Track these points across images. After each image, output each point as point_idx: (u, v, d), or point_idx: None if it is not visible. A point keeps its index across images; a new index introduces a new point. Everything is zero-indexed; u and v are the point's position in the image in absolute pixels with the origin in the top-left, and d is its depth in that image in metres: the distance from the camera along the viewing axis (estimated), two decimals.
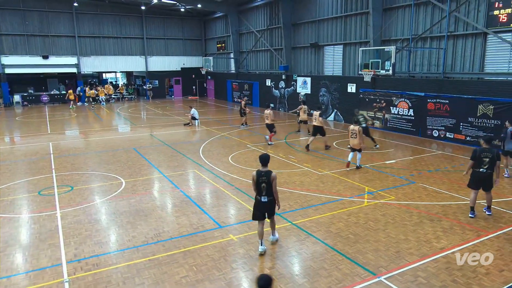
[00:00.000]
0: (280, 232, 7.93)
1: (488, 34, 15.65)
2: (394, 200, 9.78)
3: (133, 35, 37.12)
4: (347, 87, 22.19)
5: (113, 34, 36.10)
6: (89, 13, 34.66)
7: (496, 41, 15.49)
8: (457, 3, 16.56)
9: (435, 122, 17.27)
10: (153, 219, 8.66)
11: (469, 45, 16.43)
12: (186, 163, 13.70)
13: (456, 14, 16.65)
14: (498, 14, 14.84)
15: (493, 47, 15.73)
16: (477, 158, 8.46)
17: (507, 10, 14.50)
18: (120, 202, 9.78)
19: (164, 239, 7.66)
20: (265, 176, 6.88)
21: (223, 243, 7.48)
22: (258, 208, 7.03)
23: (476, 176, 8.56)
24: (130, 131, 21.29)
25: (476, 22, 15.92)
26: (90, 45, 35.27)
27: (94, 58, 35.59)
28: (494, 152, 8.43)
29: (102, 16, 35.25)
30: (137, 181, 11.57)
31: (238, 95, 34.18)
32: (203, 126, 21.92)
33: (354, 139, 12.51)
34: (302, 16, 25.86)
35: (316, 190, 10.60)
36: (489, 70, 15.92)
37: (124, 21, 36.46)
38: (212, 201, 9.93)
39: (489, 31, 15.36)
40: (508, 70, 15.21)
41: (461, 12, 16.51)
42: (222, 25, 37.17)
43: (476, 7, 15.94)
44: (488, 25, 15.36)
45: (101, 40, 35.65)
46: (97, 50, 35.64)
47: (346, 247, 7.27)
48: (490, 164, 8.39)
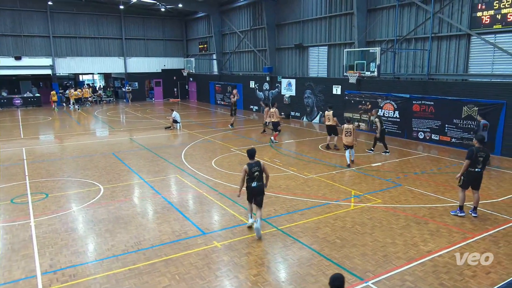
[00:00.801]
0: (266, 238, 7.93)
1: (471, 36, 16.06)
2: (380, 203, 9.91)
3: (111, 36, 36.69)
4: (332, 89, 22.43)
5: (90, 34, 35.62)
6: (65, 12, 34.13)
7: (479, 43, 15.92)
8: (441, 4, 16.97)
9: (420, 124, 17.60)
10: (133, 227, 8.55)
11: (453, 46, 16.84)
12: (167, 168, 13.58)
13: (440, 16, 17.04)
14: (481, 15, 15.26)
15: (476, 49, 16.15)
16: (473, 158, 8.66)
17: (490, 12, 14.92)
18: (98, 209, 9.62)
19: (145, 248, 7.56)
20: (257, 166, 8.02)
21: (206, 250, 7.43)
22: (250, 192, 8.16)
23: (472, 176, 8.77)
24: (109, 135, 21.00)
25: (460, 24, 16.34)
26: (65, 46, 34.70)
27: (70, 59, 35.02)
28: (487, 152, 8.82)
29: (78, 16, 34.74)
30: (116, 187, 11.40)
31: (221, 97, 34.15)
32: (185, 129, 21.79)
33: (348, 137, 13.38)
34: (286, 16, 26.05)
35: (302, 194, 10.65)
36: (473, 71, 16.34)
37: (102, 21, 36.02)
38: (195, 207, 9.86)
39: (473, 32, 15.77)
40: (492, 71, 15.64)
41: (445, 13, 16.91)
42: (204, 26, 37.12)
43: (460, 9, 16.36)
44: (472, 26, 15.77)
45: (77, 40, 35.12)
46: (73, 50, 35.09)
47: (333, 252, 7.31)
48: (483, 163, 8.74)
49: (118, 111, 32.10)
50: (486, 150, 8.82)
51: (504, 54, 14.99)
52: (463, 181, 8.90)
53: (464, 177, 8.86)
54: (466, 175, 8.83)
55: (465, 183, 8.88)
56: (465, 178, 8.85)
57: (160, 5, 34.77)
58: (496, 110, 14.72)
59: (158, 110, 32.64)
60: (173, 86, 41.08)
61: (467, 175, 8.82)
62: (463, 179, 8.88)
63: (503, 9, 14.47)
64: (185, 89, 41.65)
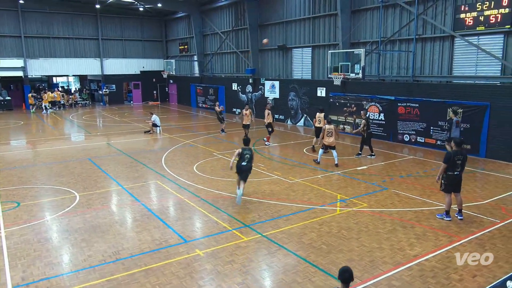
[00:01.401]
0: (250, 244, 7.92)
1: (455, 37, 16.48)
2: (366, 207, 10.02)
3: (87, 36, 36.22)
4: (317, 91, 22.63)
5: (65, 35, 35.08)
6: (37, 12, 33.52)
7: (463, 44, 16.34)
8: (425, 5, 17.36)
9: (406, 127, 17.91)
10: (111, 236, 8.42)
11: (437, 48, 17.23)
12: (147, 174, 13.44)
13: (424, 17, 17.43)
14: (464, 17, 15.66)
15: (460, 50, 16.57)
16: (451, 161, 8.85)
17: (473, 13, 15.33)
18: (73, 218, 9.44)
19: (124, 257, 7.45)
20: (249, 151, 10.17)
21: (188, 259, 7.37)
22: (240, 169, 10.07)
23: (452, 179, 8.96)
24: (85, 140, 20.67)
25: (444, 25, 16.74)
26: (38, 46, 34.06)
27: (43, 60, 34.37)
28: (465, 154, 9.03)
29: (51, 15, 34.17)
30: (93, 194, 11.22)
31: (203, 100, 34.06)
32: (165, 133, 21.63)
33: (330, 138, 13.94)
34: (269, 17, 26.21)
35: (286, 199, 10.69)
36: (457, 73, 16.74)
37: (77, 21, 35.52)
38: (176, 214, 9.78)
39: (456, 34, 16.18)
40: (476, 73, 16.06)
41: (429, 15, 17.31)
42: (185, 26, 37.00)
43: (443, 10, 16.77)
44: (455, 28, 16.17)
45: (51, 41, 34.52)
46: (47, 51, 34.45)
47: (319, 258, 7.35)
48: (462, 166, 8.93)
49: (94, 115, 31.64)
50: (463, 152, 9.03)
51: (487, 56, 15.42)
52: (445, 186, 9.07)
53: (445, 181, 9.03)
54: (446, 179, 9.00)
55: (447, 187, 9.06)
56: (446, 182, 9.02)
57: (139, 5, 34.51)
58: (480, 112, 15.10)
59: (137, 113, 32.31)
60: (153, 89, 40.75)
61: (447, 179, 8.99)
62: (444, 183, 9.05)
63: (485, 10, 14.89)
64: (165, 92, 41.36)
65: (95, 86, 41.56)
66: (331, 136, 13.97)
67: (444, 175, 9.01)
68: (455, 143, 9.04)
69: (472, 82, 16.05)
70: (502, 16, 14.46)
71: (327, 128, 14.00)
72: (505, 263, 7.06)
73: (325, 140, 14.04)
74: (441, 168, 8.99)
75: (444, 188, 9.10)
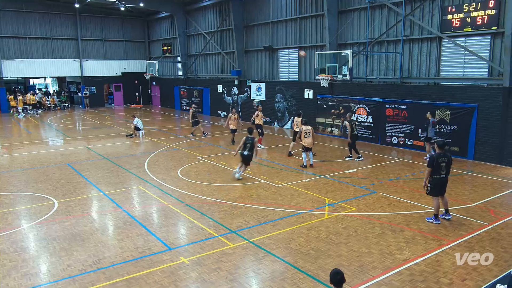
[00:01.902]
0: (237, 251, 7.89)
1: (442, 39, 16.78)
2: (355, 211, 10.09)
3: (65, 36, 35.78)
4: (304, 93, 22.76)
5: (42, 35, 34.59)
6: (12, 11, 32.98)
7: (450, 46, 16.64)
8: (412, 6, 17.65)
9: (394, 129, 18.14)
10: (91, 244, 8.30)
11: (425, 49, 17.52)
12: (129, 179, 13.31)
13: (411, 18, 17.71)
14: (451, 18, 15.98)
15: (447, 52, 16.87)
16: (435, 165, 8.97)
17: (460, 15, 15.66)
18: (52, 226, 9.28)
19: (105, 266, 7.35)
20: (251, 140, 12.48)
21: (173, 267, 7.31)
22: (241, 156, 12.45)
23: (438, 182, 9.09)
24: (64, 144, 20.37)
25: (431, 27, 17.03)
26: (13, 47, 33.49)
27: (19, 61, 33.80)
28: (449, 156, 9.19)
29: (28, 14, 33.64)
30: (73, 201, 11.06)
31: (187, 102, 33.93)
32: (148, 137, 21.46)
33: (308, 139, 14.16)
34: (255, 17, 26.30)
35: (274, 204, 10.70)
36: (445, 75, 17.04)
37: (55, 20, 35.05)
38: (160, 221, 9.70)
39: (443, 35, 16.48)
40: (463, 75, 16.38)
41: (416, 16, 17.60)
42: (168, 26, 36.86)
43: (430, 11, 17.07)
44: (442, 29, 16.48)
45: (27, 41, 33.97)
46: (23, 52, 33.90)
47: (308, 264, 7.37)
48: (447, 169, 9.09)
49: (74, 118, 31.22)
50: (447, 154, 9.18)
51: (474, 57, 15.74)
52: (431, 189, 9.18)
53: (431, 185, 9.14)
54: (432, 183, 9.12)
55: (433, 190, 9.18)
56: (432, 185, 9.14)
57: (120, 4, 34.26)
58: (468, 114, 15.39)
59: (119, 116, 32.00)
60: (135, 91, 40.46)
61: (433, 182, 9.12)
62: (431, 186, 9.16)
63: (472, 12, 15.22)
64: (147, 94, 41.10)
65: (75, 88, 41.04)
66: (309, 137, 14.17)
67: (430, 179, 9.13)
68: (438, 146, 9.18)
69: (460, 83, 16.35)
70: (489, 17, 14.80)
71: (304, 129, 14.18)
72: (495, 266, 7.19)
73: (304, 141, 14.18)
74: (427, 172, 9.11)
75: (431, 192, 9.22)
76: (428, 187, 9.19)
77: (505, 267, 7.07)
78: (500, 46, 14.92)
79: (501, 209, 10.23)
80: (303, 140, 14.20)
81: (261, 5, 25.61)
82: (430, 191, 9.22)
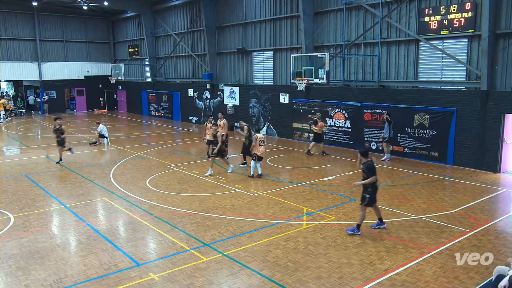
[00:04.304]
0: (210, 265, 7.84)
1: (420, 41, 17.29)
2: (334, 220, 10.21)
3: (21, 37, 34.93)
4: (280, 97, 22.94)
5: None
6: None
7: (428, 49, 17.16)
8: (389, 8, 18.13)
9: (372, 134, 18.49)
10: (52, 262, 8.07)
11: (403, 52, 17.99)
12: (93, 191, 13.05)
13: (388, 20, 18.18)
14: (428, 20, 16.49)
15: (425, 55, 17.39)
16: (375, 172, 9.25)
17: (437, 17, 16.18)
18: (7, 243, 8.98)
19: (67, 286, 7.17)
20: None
21: (142, 284, 7.19)
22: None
23: (376, 191, 9.34)
24: (20, 153, 19.80)
25: (408, 29, 17.53)
26: None
27: None
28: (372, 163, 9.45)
29: None
30: (30, 215, 10.74)
31: (156, 107, 33.62)
32: (114, 145, 21.12)
33: (262, 147, 14.17)
34: (227, 18, 26.39)
35: (249, 214, 10.69)
36: (423, 78, 17.54)
37: (10, 19, 34.19)
38: (127, 235, 9.54)
39: (421, 38, 16.99)
40: (441, 78, 16.90)
41: (393, 18, 18.08)
42: (135, 27, 36.52)
43: (408, 13, 17.57)
44: (420, 32, 16.99)
45: None
46: None
47: (285, 277, 7.39)
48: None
49: (31, 125, 30.39)
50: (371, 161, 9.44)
51: (452, 60, 16.28)
52: (369, 199, 9.24)
53: (371, 195, 9.21)
54: (372, 192, 9.24)
55: (371, 200, 9.27)
56: (371, 195, 9.22)
57: (82, 3, 33.71)
58: (447, 118, 15.86)
59: (81, 123, 31.37)
60: (99, 95, 39.81)
61: (373, 191, 9.25)
62: (370, 197, 9.21)
63: (449, 14, 15.77)
64: (113, 99, 40.50)
65: (33, 93, 40.00)
66: (262, 145, 14.18)
67: (370, 189, 9.21)
68: (362, 154, 9.43)
69: (438, 87, 16.86)
70: (466, 20, 15.37)
71: (259, 137, 14.18)
72: (476, 274, 7.40)
73: (257, 150, 14.07)
74: (370, 179, 9.15)
75: (368, 202, 9.28)
76: (367, 197, 9.22)
77: (486, 274, 7.29)
78: (477, 49, 15.50)
79: (482, 215, 10.56)
80: (259, 149, 14.08)
81: (233, 5, 25.73)
82: (368, 201, 9.26)
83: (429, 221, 10.09)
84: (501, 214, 10.70)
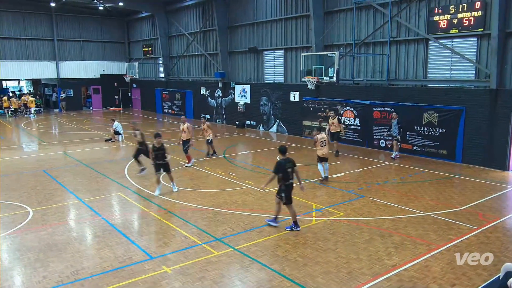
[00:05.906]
0: (222, 259, 7.86)
1: (429, 40, 17.08)
2: (343, 216, 10.16)
3: (41, 37, 35.31)
4: (290, 96, 22.87)
5: (15, 35, 34.08)
6: None
7: (437, 47, 16.95)
8: (399, 8, 17.93)
9: (381, 132, 18.34)
10: (69, 254, 8.17)
11: (412, 51, 17.80)
12: (108, 186, 13.16)
13: (398, 19, 17.99)
14: (438, 20, 16.28)
15: (434, 54, 17.18)
16: (283, 170, 9.02)
17: (446, 16, 15.97)
18: (26, 236, 9.11)
19: (84, 277, 7.24)
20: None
21: (155, 277, 7.24)
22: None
23: (290, 189, 9.16)
24: (39, 150, 20.05)
25: (418, 28, 17.33)
26: None
27: None
28: (293, 161, 9.24)
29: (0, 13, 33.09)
30: (48, 209, 10.87)
31: (169, 105, 33.76)
32: (128, 141, 21.26)
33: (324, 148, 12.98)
34: (239, 18, 26.36)
35: (260, 209, 10.70)
36: (432, 77, 17.33)
37: (30, 20, 34.58)
38: (141, 229, 9.61)
39: (430, 37, 16.78)
40: (450, 77, 16.68)
41: (403, 17, 17.88)
42: (149, 27, 36.68)
43: (417, 13, 17.37)
44: (429, 31, 16.78)
45: None
46: None
47: (295, 272, 7.38)
48: (292, 175, 9.17)
49: (49, 122, 30.75)
50: (291, 160, 9.25)
51: (461, 59, 16.05)
52: (286, 198, 9.11)
53: (285, 193, 9.08)
54: (286, 191, 9.09)
55: (288, 198, 9.14)
56: (286, 194, 9.09)
57: (98, 4, 33.96)
58: (456, 116, 15.66)
59: (97, 120, 31.65)
60: (114, 94, 40.08)
61: (286, 190, 9.10)
62: (285, 195, 9.09)
63: (459, 13, 15.54)
64: (127, 97, 40.75)
65: (50, 91, 40.47)
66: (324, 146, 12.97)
67: (283, 187, 9.10)
68: (280, 152, 9.29)
69: (447, 86, 16.65)
70: (475, 19, 15.13)
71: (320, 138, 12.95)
72: (483, 271, 7.31)
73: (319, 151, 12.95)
74: (271, 177, 9.17)
75: (286, 201, 9.16)
76: (283, 197, 9.11)
77: (494, 271, 7.19)
78: (486, 47, 15.26)
79: (490, 213, 10.43)
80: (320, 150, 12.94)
81: (245, 5, 25.69)
82: (286, 200, 9.13)
83: (437, 218, 9.99)
84: (509, 212, 10.55)
